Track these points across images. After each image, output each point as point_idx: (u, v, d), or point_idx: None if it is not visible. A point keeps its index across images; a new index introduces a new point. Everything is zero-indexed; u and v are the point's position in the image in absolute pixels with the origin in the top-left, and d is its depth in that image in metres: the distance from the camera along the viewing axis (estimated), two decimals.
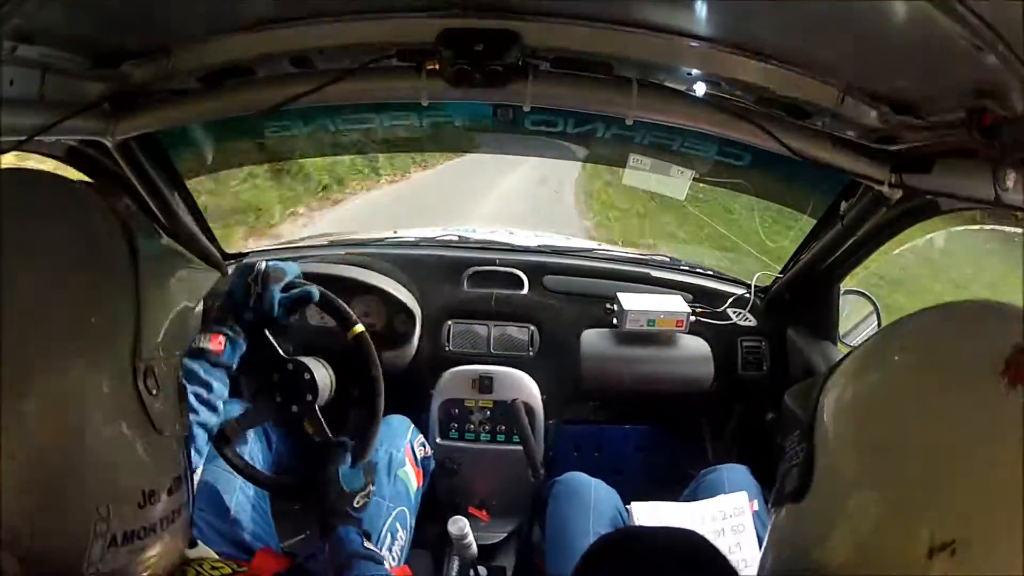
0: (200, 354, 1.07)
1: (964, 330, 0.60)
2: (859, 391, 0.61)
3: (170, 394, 0.63)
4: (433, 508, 1.63)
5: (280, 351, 1.25)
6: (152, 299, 0.61)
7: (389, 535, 1.28)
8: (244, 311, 1.13)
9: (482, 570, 1.64)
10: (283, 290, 1.15)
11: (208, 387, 1.06)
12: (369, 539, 1.14)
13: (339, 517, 1.10)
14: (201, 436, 1.07)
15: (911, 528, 0.52)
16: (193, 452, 0.97)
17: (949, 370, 0.56)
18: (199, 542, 0.79)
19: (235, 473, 1.23)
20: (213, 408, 1.08)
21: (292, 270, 1.17)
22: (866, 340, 0.66)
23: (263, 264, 1.14)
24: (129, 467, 0.58)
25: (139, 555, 0.58)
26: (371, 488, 1.17)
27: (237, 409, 1.30)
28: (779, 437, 0.72)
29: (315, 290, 1.19)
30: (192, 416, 1.02)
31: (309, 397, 1.26)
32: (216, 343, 1.09)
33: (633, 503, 1.45)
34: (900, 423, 0.56)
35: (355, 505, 1.13)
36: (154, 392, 0.59)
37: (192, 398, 1.04)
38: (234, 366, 1.12)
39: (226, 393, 1.10)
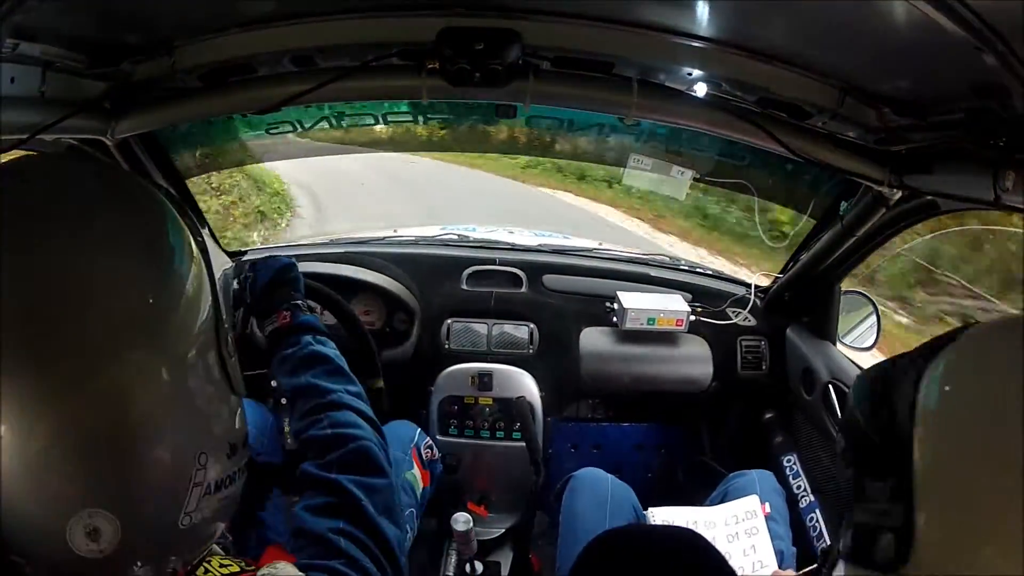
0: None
1: None
2: (985, 440, 0.47)
3: (235, 359, 0.69)
4: (431, 504, 1.63)
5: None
6: (211, 279, 0.67)
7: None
8: (250, 296, 1.10)
9: (478, 565, 1.64)
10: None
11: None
12: None
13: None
14: None
15: None
16: None
17: None
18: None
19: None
20: None
21: (280, 259, 1.13)
22: (953, 347, 0.52)
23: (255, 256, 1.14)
24: (219, 422, 0.64)
25: (224, 505, 0.64)
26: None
27: (250, 416, 1.31)
28: (847, 462, 0.57)
29: (286, 259, 1.14)
30: None
31: None
32: (282, 318, 1.06)
33: (651, 508, 1.45)
34: None
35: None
36: (232, 357, 0.67)
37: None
38: None
39: None
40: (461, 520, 1.45)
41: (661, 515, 1.44)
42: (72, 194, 0.61)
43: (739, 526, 1.41)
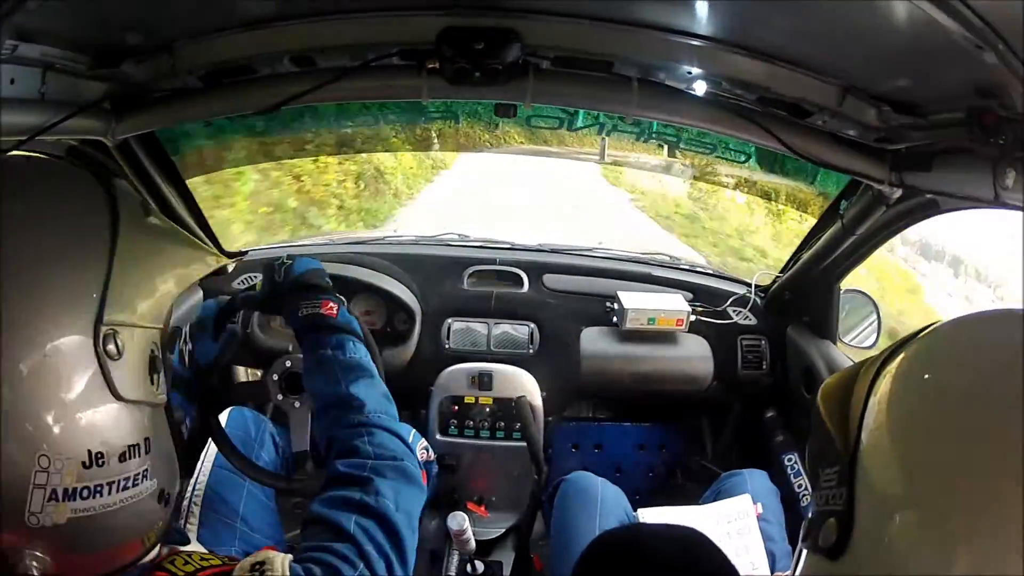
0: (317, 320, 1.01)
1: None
2: (907, 427, 0.50)
3: (138, 362, 0.64)
4: (432, 504, 1.64)
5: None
6: (127, 269, 0.64)
7: None
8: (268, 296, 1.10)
9: (479, 565, 1.65)
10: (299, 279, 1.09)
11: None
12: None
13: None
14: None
15: None
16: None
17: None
18: (191, 539, 0.79)
19: (243, 478, 1.23)
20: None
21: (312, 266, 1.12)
22: (913, 342, 0.55)
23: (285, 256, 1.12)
24: (78, 425, 0.58)
25: (87, 515, 0.59)
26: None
27: (247, 425, 1.32)
28: (809, 451, 0.61)
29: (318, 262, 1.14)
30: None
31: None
32: (328, 309, 1.02)
33: (640, 509, 1.45)
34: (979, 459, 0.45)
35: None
36: (116, 358, 0.61)
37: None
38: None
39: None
40: (456, 520, 1.45)
41: (651, 516, 1.44)
42: None
43: (731, 525, 1.40)
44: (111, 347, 0.61)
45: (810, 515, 0.57)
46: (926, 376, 0.53)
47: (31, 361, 0.56)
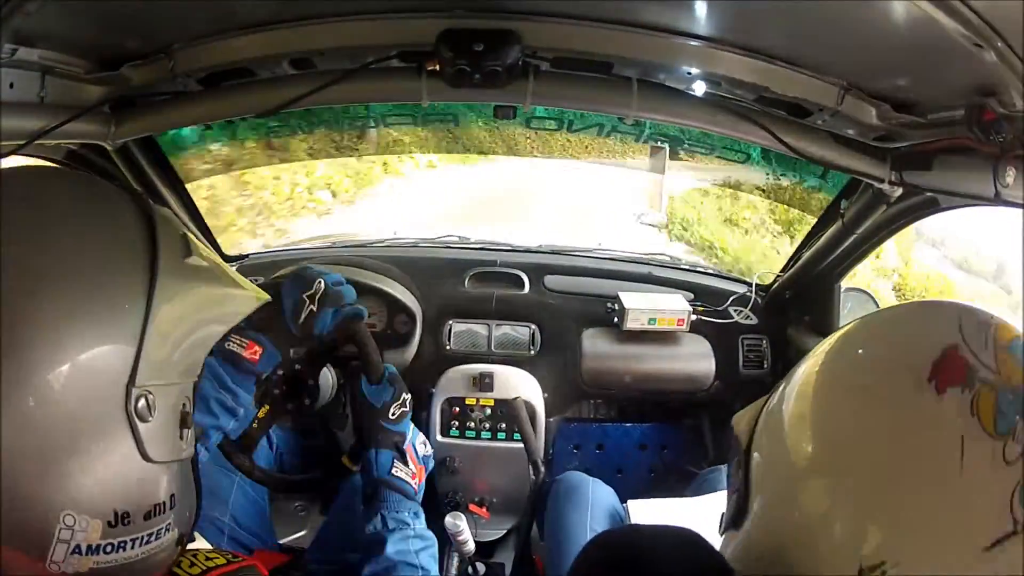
0: (232, 359, 1.04)
1: (894, 337, 0.58)
2: (792, 412, 0.60)
3: (169, 421, 0.62)
4: (433, 505, 1.63)
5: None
6: (164, 323, 0.60)
7: None
8: (292, 325, 1.08)
9: (480, 566, 1.64)
10: (335, 312, 1.09)
11: (234, 395, 1.04)
12: (403, 460, 1.12)
13: (370, 439, 1.10)
14: (214, 436, 1.05)
15: (841, 551, 0.51)
16: (201, 450, 0.96)
17: (874, 377, 0.55)
18: (196, 535, 0.79)
19: (234, 472, 1.23)
20: (234, 415, 1.06)
21: (350, 294, 1.12)
22: (801, 361, 0.64)
23: (322, 283, 1.09)
24: (106, 486, 0.57)
25: (108, 566, 0.58)
26: (405, 396, 1.16)
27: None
28: (727, 464, 0.71)
29: (364, 310, 1.15)
30: (210, 419, 1.01)
31: (307, 397, 1.26)
32: (251, 352, 1.05)
33: (630, 501, 1.45)
34: (830, 444, 0.55)
35: (391, 417, 1.12)
36: (147, 419, 0.59)
37: (215, 403, 1.02)
38: (264, 375, 1.08)
39: (250, 401, 1.08)
40: (451, 521, 1.45)
41: (641, 508, 1.44)
42: None
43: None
44: (143, 409, 0.58)
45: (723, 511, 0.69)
46: (814, 362, 0.62)
47: (58, 421, 0.54)
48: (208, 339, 0.67)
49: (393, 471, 1.09)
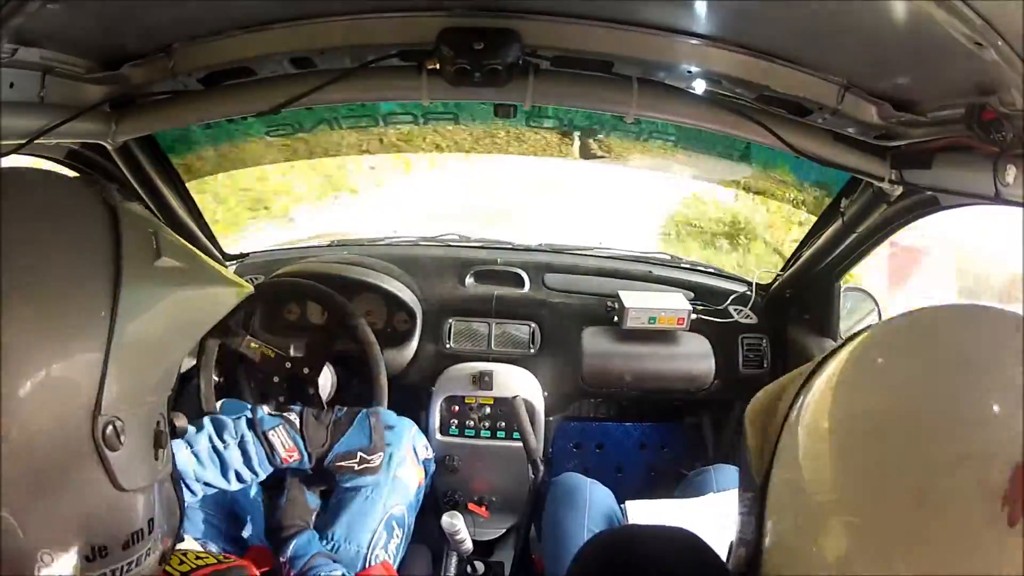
0: (270, 446, 1.14)
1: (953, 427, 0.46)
2: (818, 448, 0.48)
3: (142, 444, 0.57)
4: (432, 504, 1.63)
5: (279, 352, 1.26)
6: (132, 340, 0.54)
7: (385, 533, 1.28)
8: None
9: (479, 565, 1.65)
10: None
11: (256, 474, 1.15)
12: (331, 537, 1.20)
13: (294, 526, 1.16)
14: (214, 491, 1.14)
15: None
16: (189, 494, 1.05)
17: (942, 491, 0.43)
18: (185, 536, 0.78)
19: None
20: (243, 482, 1.15)
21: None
22: (827, 368, 0.54)
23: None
24: (80, 520, 0.53)
25: None
26: (378, 456, 1.24)
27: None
28: (739, 489, 0.60)
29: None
30: (221, 481, 1.12)
31: (311, 391, 1.27)
32: (289, 453, 1.17)
33: (628, 502, 1.45)
34: (872, 494, 0.44)
35: (356, 468, 1.21)
36: (117, 447, 0.53)
37: (234, 474, 1.12)
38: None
39: (258, 482, 1.18)
40: (449, 521, 1.45)
41: (639, 509, 1.44)
42: None
43: (725, 520, 1.39)
44: (111, 437, 0.52)
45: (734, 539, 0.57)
46: (858, 376, 0.51)
47: (23, 458, 0.49)
48: (184, 344, 0.63)
49: (322, 545, 1.19)
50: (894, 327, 0.54)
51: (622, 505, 1.46)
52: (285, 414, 1.22)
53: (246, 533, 1.27)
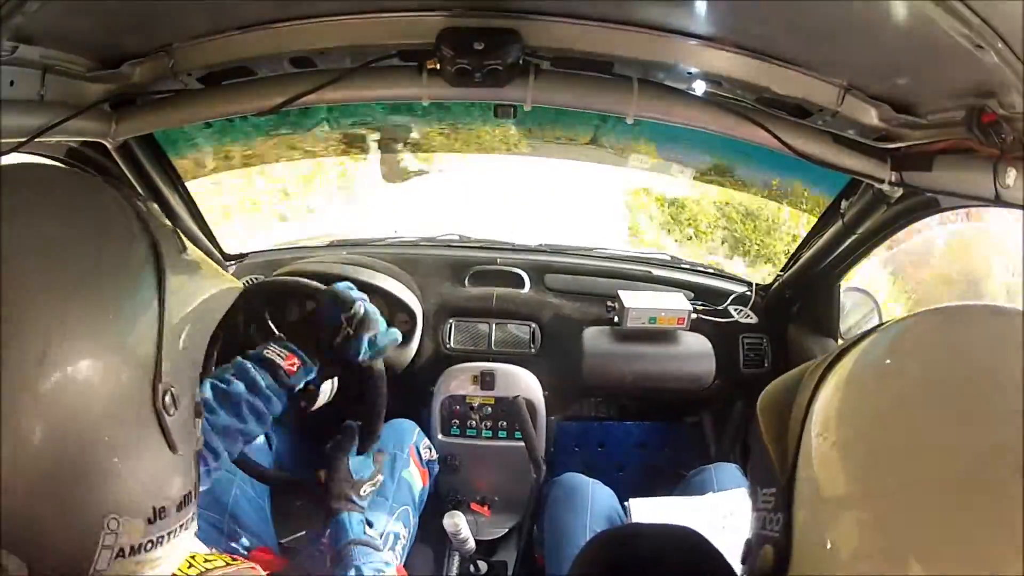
0: (271, 368, 1.05)
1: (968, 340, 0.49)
2: (856, 446, 0.47)
3: (186, 412, 0.63)
4: (435, 504, 1.63)
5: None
6: (175, 318, 0.61)
7: (392, 535, 1.28)
8: (327, 346, 1.09)
9: (482, 565, 1.65)
10: (371, 340, 1.10)
11: (268, 401, 1.04)
12: (371, 527, 1.14)
13: (343, 502, 1.10)
14: (240, 442, 1.05)
15: None
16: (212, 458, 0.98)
17: (971, 462, 0.43)
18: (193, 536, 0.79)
19: (233, 472, 1.23)
20: (263, 422, 1.06)
21: (382, 321, 1.12)
22: (862, 342, 0.53)
23: (362, 308, 1.09)
24: (143, 484, 0.58)
25: (145, 564, 0.59)
26: (380, 478, 1.17)
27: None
28: (750, 473, 0.60)
29: (399, 335, 1.16)
30: (238, 423, 1.02)
31: (311, 387, 1.27)
32: (290, 363, 1.07)
33: (631, 500, 1.45)
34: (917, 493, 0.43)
35: (361, 494, 1.13)
36: (172, 413, 0.60)
37: (246, 407, 1.02)
38: (297, 388, 1.09)
39: (280, 411, 1.07)
40: (451, 521, 1.45)
41: (642, 507, 1.44)
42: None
43: (725, 520, 1.40)
44: (168, 403, 0.59)
45: (748, 536, 0.55)
46: (880, 373, 0.50)
47: (93, 425, 0.54)
48: (207, 330, 0.68)
49: (366, 532, 1.10)
50: (909, 324, 0.54)
51: (625, 504, 1.46)
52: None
53: (248, 538, 1.26)
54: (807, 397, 0.52)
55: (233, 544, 1.22)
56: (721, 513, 1.40)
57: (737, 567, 0.63)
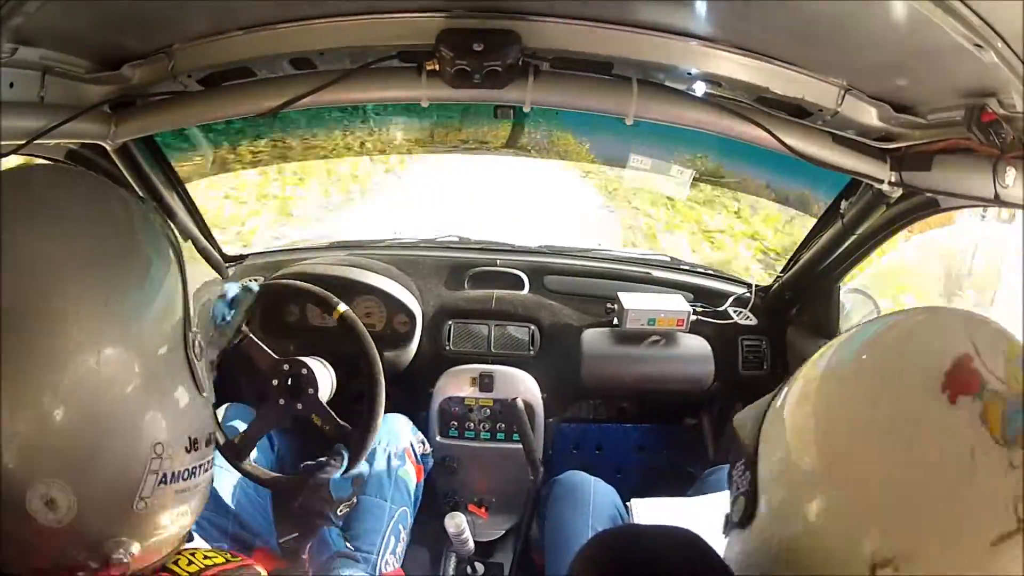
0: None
1: (906, 345, 0.59)
2: (799, 416, 0.62)
3: (206, 363, 0.72)
4: (432, 505, 1.63)
5: (273, 355, 1.26)
6: (189, 279, 0.70)
7: (393, 537, 1.28)
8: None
9: (479, 566, 1.64)
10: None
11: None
12: (349, 541, 1.18)
13: (321, 519, 1.15)
14: None
15: (853, 547, 0.53)
16: None
17: (885, 385, 0.56)
18: (195, 536, 0.79)
19: (234, 470, 1.23)
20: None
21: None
22: (805, 364, 0.67)
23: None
24: (180, 417, 0.66)
25: (181, 493, 0.66)
26: (355, 500, 1.22)
27: (244, 420, 1.31)
28: (730, 465, 0.73)
29: (253, 285, 1.15)
30: None
31: (311, 391, 1.26)
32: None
33: (633, 500, 1.44)
34: (838, 444, 0.57)
35: (338, 513, 1.18)
36: (200, 359, 0.70)
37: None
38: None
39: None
40: (452, 522, 1.45)
41: (644, 507, 1.43)
42: (43, 200, 0.64)
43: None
44: (197, 349, 0.69)
45: (727, 512, 0.68)
46: (822, 367, 0.65)
47: (144, 367, 0.63)
48: (206, 311, 0.76)
49: (346, 545, 1.16)
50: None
51: (627, 503, 1.45)
52: None
53: (251, 537, 1.26)
54: (767, 402, 0.67)
55: (235, 542, 1.22)
56: (722, 513, 1.40)
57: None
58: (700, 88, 1.13)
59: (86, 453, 0.59)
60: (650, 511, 1.43)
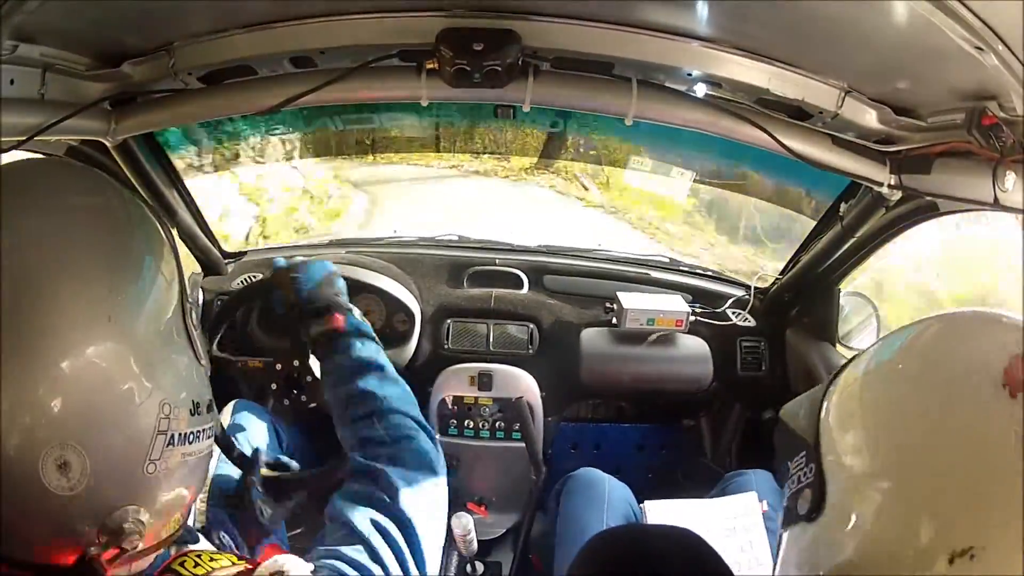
0: None
1: (964, 342, 0.62)
2: (864, 407, 0.63)
3: (199, 337, 0.75)
4: None
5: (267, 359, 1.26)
6: (180, 259, 0.74)
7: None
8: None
9: (479, 566, 1.64)
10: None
11: None
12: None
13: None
14: None
15: (929, 537, 0.54)
16: None
17: (952, 382, 0.58)
18: (200, 537, 0.79)
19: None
20: None
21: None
22: (861, 354, 0.68)
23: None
24: (183, 380, 0.69)
25: (187, 456, 0.68)
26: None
27: (251, 415, 1.31)
28: (778, 458, 0.73)
29: (330, 264, 1.12)
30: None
31: (309, 378, 1.26)
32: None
33: (647, 502, 1.45)
34: (910, 436, 0.58)
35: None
36: (196, 328, 0.73)
37: None
38: None
39: None
40: (459, 523, 1.45)
41: (657, 508, 1.44)
42: (42, 195, 0.66)
43: (736, 521, 1.40)
44: (193, 319, 0.73)
45: (785, 503, 0.67)
46: (881, 363, 0.65)
47: (149, 335, 0.66)
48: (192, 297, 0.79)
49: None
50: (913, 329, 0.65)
51: (641, 505, 1.46)
52: None
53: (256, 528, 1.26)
54: (823, 389, 0.67)
55: (244, 537, 1.21)
56: (734, 515, 1.41)
57: (743, 565, 0.69)
58: (700, 89, 1.13)
59: (98, 415, 0.61)
60: (663, 512, 1.43)
